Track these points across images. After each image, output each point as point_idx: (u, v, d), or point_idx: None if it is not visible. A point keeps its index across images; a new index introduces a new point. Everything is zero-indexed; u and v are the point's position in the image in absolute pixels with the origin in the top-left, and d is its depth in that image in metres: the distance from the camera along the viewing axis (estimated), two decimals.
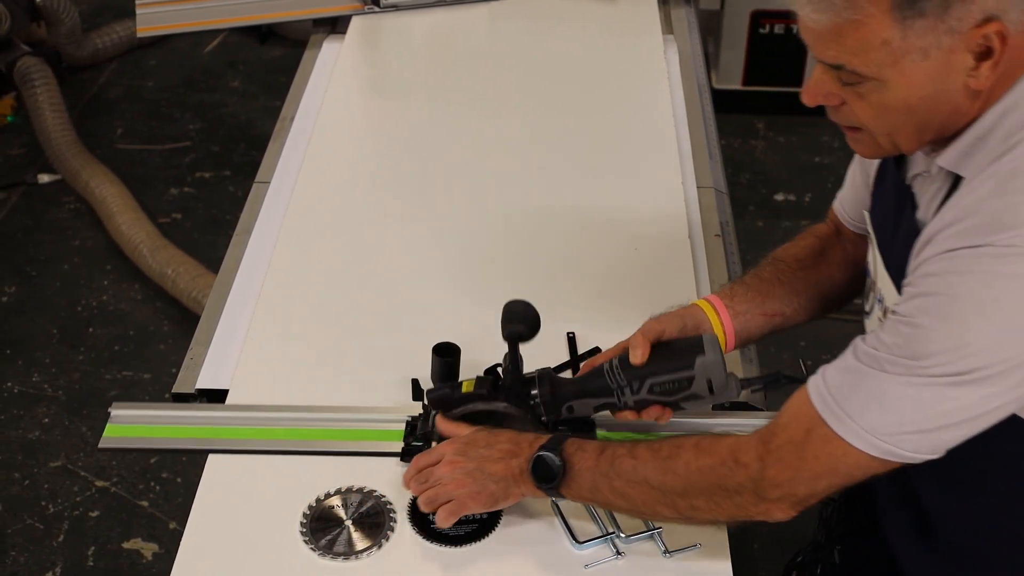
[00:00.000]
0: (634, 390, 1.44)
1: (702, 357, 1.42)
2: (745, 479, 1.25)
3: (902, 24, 1.10)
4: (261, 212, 2.06)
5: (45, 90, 4.07)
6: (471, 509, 1.41)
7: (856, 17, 1.11)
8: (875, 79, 1.15)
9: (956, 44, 1.11)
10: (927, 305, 1.15)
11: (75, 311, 3.47)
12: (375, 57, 2.64)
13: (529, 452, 1.37)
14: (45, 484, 2.90)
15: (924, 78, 1.14)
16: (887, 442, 1.17)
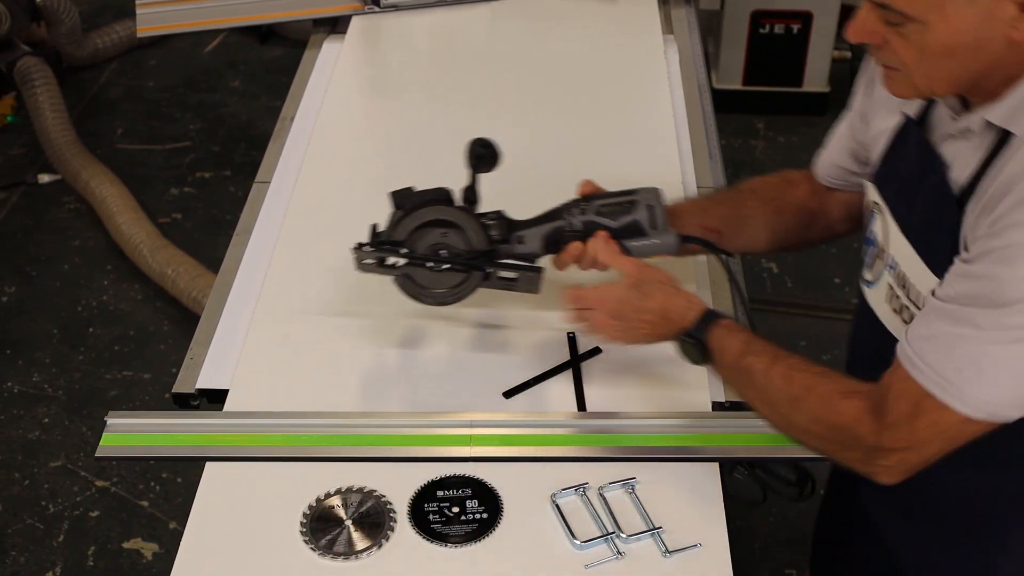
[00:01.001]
0: (582, 210, 1.58)
1: (644, 189, 1.60)
2: (861, 445, 1.30)
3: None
4: (261, 212, 2.05)
5: (45, 90, 4.07)
6: (609, 341, 1.55)
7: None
8: (919, 20, 1.19)
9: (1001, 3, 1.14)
10: (1009, 255, 1.17)
11: (75, 311, 3.47)
12: (375, 57, 2.64)
13: (676, 329, 1.46)
14: (45, 484, 2.90)
15: (966, 24, 1.17)
16: (994, 407, 1.22)
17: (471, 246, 1.59)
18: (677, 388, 1.64)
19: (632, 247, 1.58)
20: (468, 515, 1.44)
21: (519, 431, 1.57)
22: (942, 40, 1.19)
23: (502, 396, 1.64)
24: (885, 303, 1.46)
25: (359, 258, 1.62)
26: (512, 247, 1.61)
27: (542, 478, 1.49)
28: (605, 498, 1.46)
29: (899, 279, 1.40)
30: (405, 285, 1.61)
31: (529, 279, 1.61)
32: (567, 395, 1.64)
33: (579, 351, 1.70)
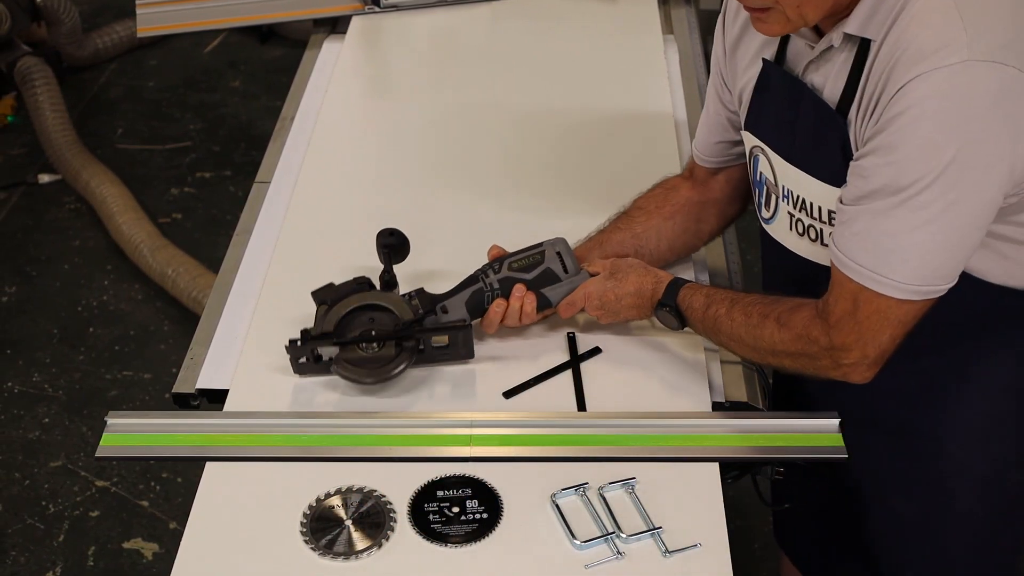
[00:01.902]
0: (496, 270, 1.69)
1: (549, 240, 1.72)
2: (820, 350, 1.43)
3: None
4: (261, 212, 2.05)
5: (45, 90, 4.07)
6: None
7: None
8: None
9: None
10: (895, 140, 1.28)
11: (76, 311, 3.47)
12: (375, 57, 2.64)
13: (653, 302, 1.63)
14: (45, 484, 2.90)
15: None
16: (925, 285, 1.34)
17: (399, 323, 1.65)
18: (677, 388, 1.64)
19: (550, 294, 1.69)
20: (468, 515, 1.44)
21: (519, 431, 1.57)
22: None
23: (502, 396, 1.64)
24: (789, 232, 1.56)
25: (294, 356, 1.64)
26: (438, 317, 1.67)
27: (542, 478, 1.49)
28: (605, 498, 1.46)
29: (797, 204, 1.51)
30: (344, 372, 1.62)
31: (463, 340, 1.66)
32: (567, 395, 1.64)
33: (579, 351, 1.70)
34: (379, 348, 1.63)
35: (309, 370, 1.65)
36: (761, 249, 1.71)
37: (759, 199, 1.62)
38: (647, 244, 1.78)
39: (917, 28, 1.27)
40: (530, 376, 1.66)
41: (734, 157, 1.73)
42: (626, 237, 1.78)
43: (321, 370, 1.65)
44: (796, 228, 1.54)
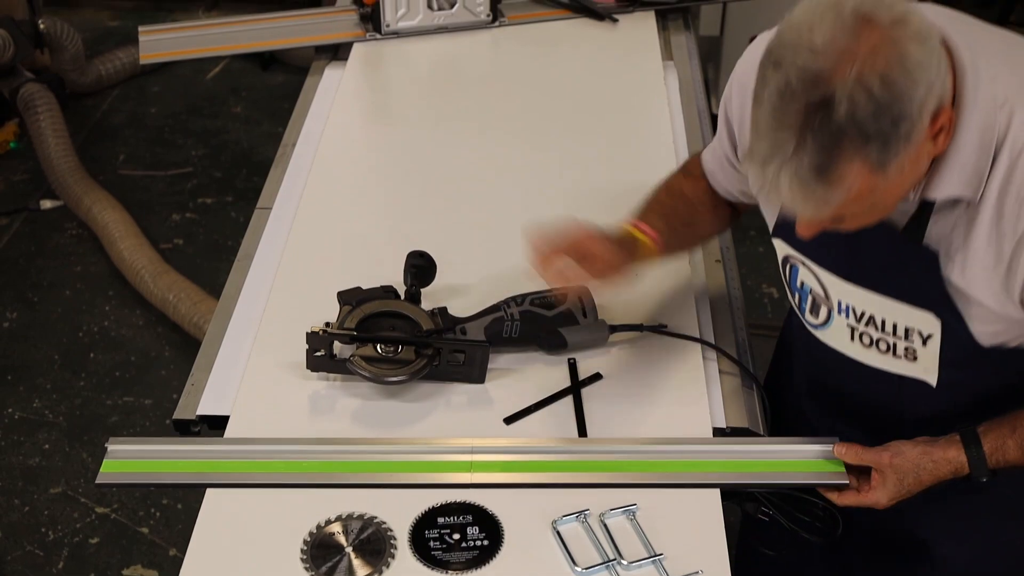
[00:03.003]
0: (518, 303, 1.72)
1: (573, 285, 1.67)
2: None
3: (884, 172, 1.19)
4: (263, 238, 2.06)
5: (48, 116, 4.09)
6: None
7: (848, 194, 1.20)
8: (867, 211, 1.27)
9: (922, 144, 1.20)
10: None
11: (77, 337, 3.47)
12: (377, 83, 2.65)
13: (952, 476, 1.46)
14: (45, 510, 2.90)
15: (905, 180, 1.25)
16: None
17: (420, 332, 1.68)
18: (678, 414, 1.64)
19: (567, 334, 1.71)
20: (469, 542, 1.44)
21: (520, 457, 1.57)
22: (887, 204, 1.28)
23: (503, 422, 1.64)
24: (851, 343, 1.52)
25: (312, 348, 1.65)
26: (456, 336, 1.69)
27: (543, 504, 1.49)
28: (606, 524, 1.46)
29: (862, 319, 1.47)
30: (359, 368, 1.64)
31: (479, 360, 1.67)
32: (568, 421, 1.64)
33: (580, 377, 1.70)
34: (397, 352, 1.65)
35: (323, 366, 1.66)
36: (798, 339, 1.68)
37: (801, 304, 1.58)
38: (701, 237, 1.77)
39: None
40: (531, 402, 1.66)
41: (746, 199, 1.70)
42: (679, 203, 1.71)
43: (334, 368, 1.66)
44: (861, 340, 1.51)
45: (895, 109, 1.15)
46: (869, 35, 1.15)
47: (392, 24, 2.67)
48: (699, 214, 1.72)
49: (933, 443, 1.47)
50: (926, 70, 1.17)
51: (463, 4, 2.69)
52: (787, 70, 1.17)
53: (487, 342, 1.69)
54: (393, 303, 1.71)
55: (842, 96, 1.15)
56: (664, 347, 1.75)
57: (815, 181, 1.19)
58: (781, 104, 1.18)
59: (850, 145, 1.16)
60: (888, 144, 1.17)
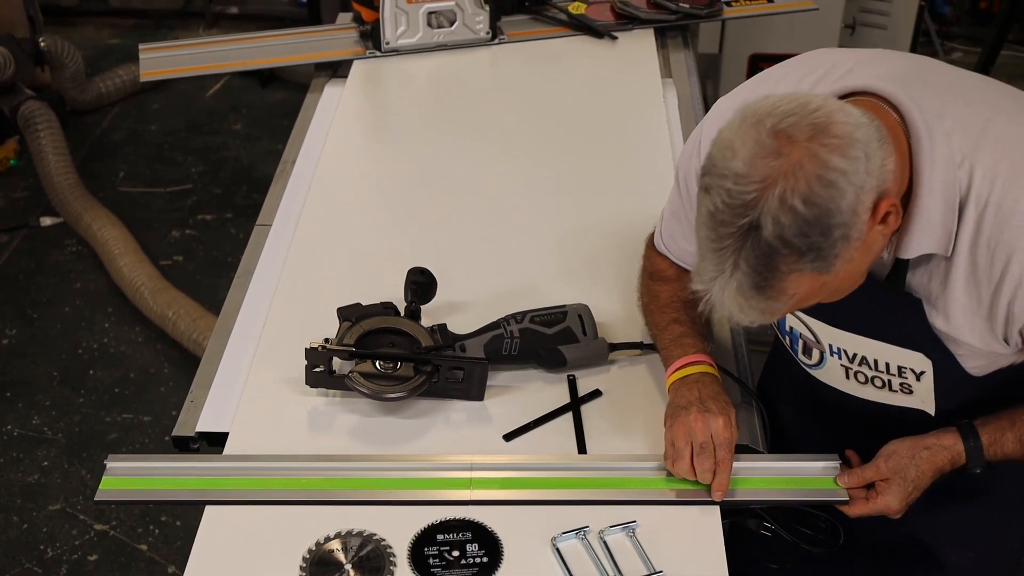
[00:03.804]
0: (518, 320, 1.72)
1: (574, 304, 1.76)
2: None
3: (828, 273, 1.21)
4: (262, 254, 2.06)
5: (48, 134, 4.09)
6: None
7: (793, 300, 1.23)
8: (823, 298, 1.29)
9: (865, 236, 1.23)
10: None
11: (76, 353, 3.47)
12: (377, 101, 2.66)
13: (957, 470, 1.48)
14: (44, 528, 2.89)
15: (859, 266, 1.27)
16: None
17: (419, 348, 1.68)
18: None
19: (566, 352, 1.71)
20: (468, 559, 1.44)
21: (519, 474, 1.57)
22: (846, 286, 1.30)
23: (502, 439, 1.64)
24: (847, 380, 1.54)
25: (310, 364, 1.66)
26: (455, 353, 1.69)
27: (542, 521, 1.48)
28: (606, 542, 1.46)
29: (854, 360, 1.49)
30: (358, 384, 1.64)
31: (478, 377, 1.67)
32: (567, 438, 1.64)
33: (579, 394, 1.70)
34: (395, 368, 1.65)
35: (322, 382, 1.67)
36: (796, 374, 1.68)
37: (793, 346, 1.60)
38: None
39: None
40: (530, 418, 1.66)
41: None
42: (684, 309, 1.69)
43: (333, 384, 1.66)
44: (856, 378, 1.53)
45: (823, 222, 1.17)
46: (789, 153, 1.17)
47: (392, 42, 2.68)
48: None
49: (924, 435, 1.49)
50: (852, 175, 1.18)
51: (463, 22, 2.70)
52: (714, 196, 1.20)
53: (486, 359, 1.69)
54: (393, 320, 1.71)
55: (767, 219, 1.17)
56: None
57: (756, 297, 1.22)
58: (714, 228, 1.21)
59: (783, 262, 1.19)
60: (823, 252, 1.18)
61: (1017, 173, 1.28)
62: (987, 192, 1.27)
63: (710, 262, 1.23)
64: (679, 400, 1.56)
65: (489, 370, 1.68)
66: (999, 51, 4.58)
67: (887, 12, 4.63)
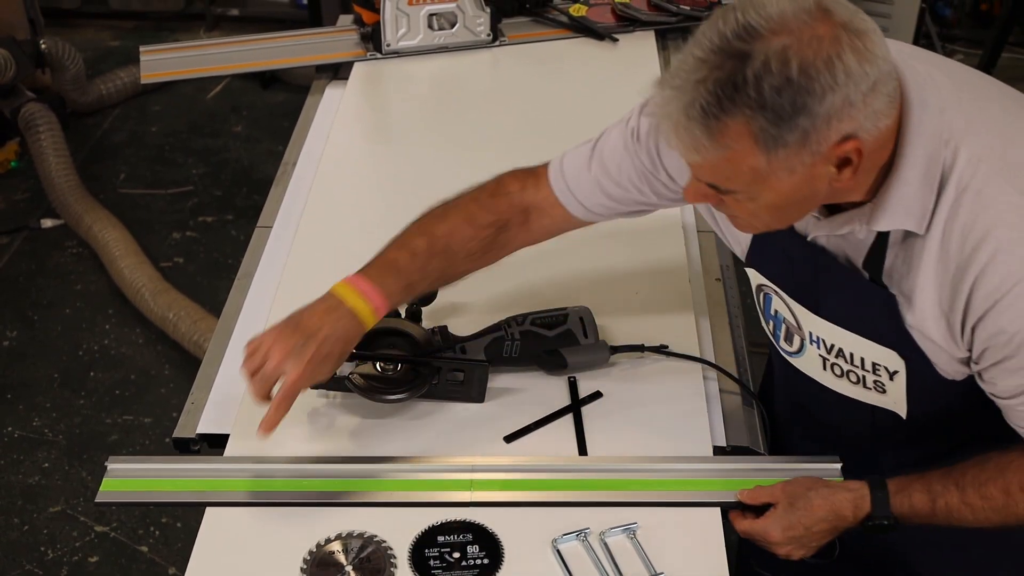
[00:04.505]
0: (519, 322, 1.72)
1: (575, 306, 1.76)
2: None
3: (767, 154, 1.19)
4: (263, 256, 2.06)
5: (49, 135, 4.09)
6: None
7: (725, 154, 1.20)
8: (745, 192, 1.25)
9: (818, 160, 1.20)
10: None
11: (77, 355, 3.47)
12: (377, 103, 2.66)
13: (856, 519, 1.44)
14: (44, 529, 2.89)
15: (790, 188, 1.24)
16: None
17: (419, 350, 1.68)
18: (678, 432, 1.64)
19: (567, 354, 1.71)
20: (469, 560, 1.44)
21: (520, 476, 1.57)
22: (770, 202, 1.26)
23: (503, 440, 1.64)
24: (824, 372, 1.53)
25: None
26: (456, 354, 1.69)
27: (543, 523, 1.48)
28: (607, 543, 1.46)
29: (831, 351, 1.48)
30: (358, 386, 1.64)
31: (478, 379, 1.67)
32: (568, 439, 1.64)
33: (580, 395, 1.70)
34: (396, 370, 1.65)
35: (322, 383, 1.65)
36: (774, 363, 1.69)
37: (776, 331, 1.58)
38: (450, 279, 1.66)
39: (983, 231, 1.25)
40: (531, 420, 1.66)
41: (614, 216, 1.65)
42: (441, 280, 1.65)
43: (334, 385, 1.65)
44: (832, 370, 1.51)
45: (801, 97, 1.15)
46: (818, 25, 1.16)
47: (393, 44, 2.68)
48: (473, 246, 1.63)
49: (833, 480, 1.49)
50: (853, 85, 1.16)
51: (464, 24, 2.70)
52: (730, 18, 1.19)
53: (487, 361, 1.69)
54: (393, 321, 1.70)
55: (758, 58, 1.15)
56: (665, 366, 1.75)
57: (698, 119, 1.19)
58: (708, 43, 1.19)
59: (742, 103, 1.16)
60: (780, 125, 1.16)
61: (1003, 163, 1.26)
62: (969, 176, 1.26)
63: (684, 68, 1.20)
64: (311, 305, 1.52)
65: (490, 372, 1.68)
66: (1000, 53, 4.58)
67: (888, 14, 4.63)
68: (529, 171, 1.67)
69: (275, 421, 1.48)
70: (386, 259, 1.59)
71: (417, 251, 1.59)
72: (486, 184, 1.67)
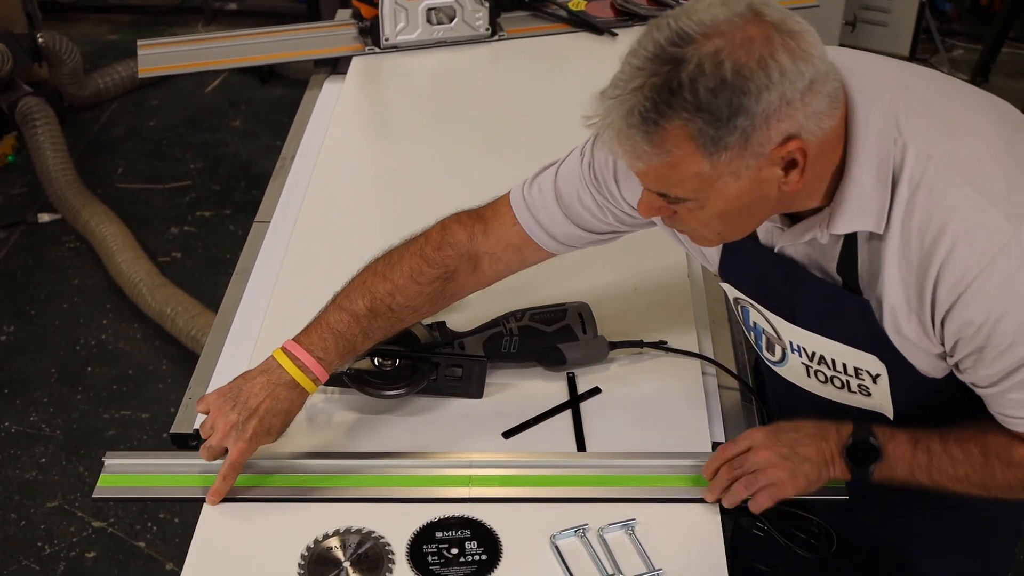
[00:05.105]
0: (517, 318, 1.72)
1: (574, 302, 1.76)
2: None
3: (710, 158, 1.20)
4: (261, 251, 2.06)
5: (46, 130, 4.09)
6: (789, 493, 1.46)
7: (668, 160, 1.21)
8: (694, 200, 1.26)
9: (762, 163, 1.21)
10: (996, 339, 1.27)
11: (74, 350, 3.47)
12: (376, 97, 2.66)
13: (838, 438, 1.45)
14: (42, 525, 2.89)
15: (738, 194, 1.24)
16: None
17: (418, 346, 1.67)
18: (677, 428, 1.64)
19: (566, 350, 1.70)
20: (467, 556, 1.43)
21: (518, 472, 1.57)
22: (721, 209, 1.27)
23: (502, 436, 1.63)
24: (808, 379, 1.53)
25: None
26: (454, 350, 1.69)
27: (541, 519, 1.48)
28: (605, 539, 1.46)
29: (814, 359, 1.48)
30: (354, 380, 1.64)
31: (477, 375, 1.67)
32: (567, 435, 1.64)
33: (578, 391, 1.70)
34: (393, 366, 1.65)
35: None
36: (765, 374, 1.68)
37: (757, 342, 1.58)
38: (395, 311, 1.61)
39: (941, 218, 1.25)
40: (529, 416, 1.66)
41: (587, 244, 1.64)
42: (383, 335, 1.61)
43: (332, 381, 1.64)
44: (816, 377, 1.51)
45: (737, 98, 1.16)
46: (750, 27, 1.17)
47: (391, 38, 2.68)
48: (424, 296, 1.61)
49: None
50: (788, 83, 1.17)
51: (462, 18, 2.70)
52: (664, 26, 1.21)
53: (485, 357, 1.68)
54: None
55: (692, 61, 1.17)
56: (664, 362, 1.75)
57: (638, 126, 1.20)
58: (645, 52, 1.21)
59: (679, 106, 1.17)
60: (718, 126, 1.17)
61: (953, 157, 1.26)
62: (920, 173, 1.26)
63: (622, 78, 1.24)
64: (252, 374, 1.55)
65: (488, 368, 1.68)
66: (1000, 48, 4.58)
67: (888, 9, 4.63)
68: (475, 217, 1.65)
69: (223, 491, 1.52)
70: (326, 323, 1.57)
71: (358, 313, 1.57)
72: (430, 234, 1.64)
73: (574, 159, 1.59)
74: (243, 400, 1.51)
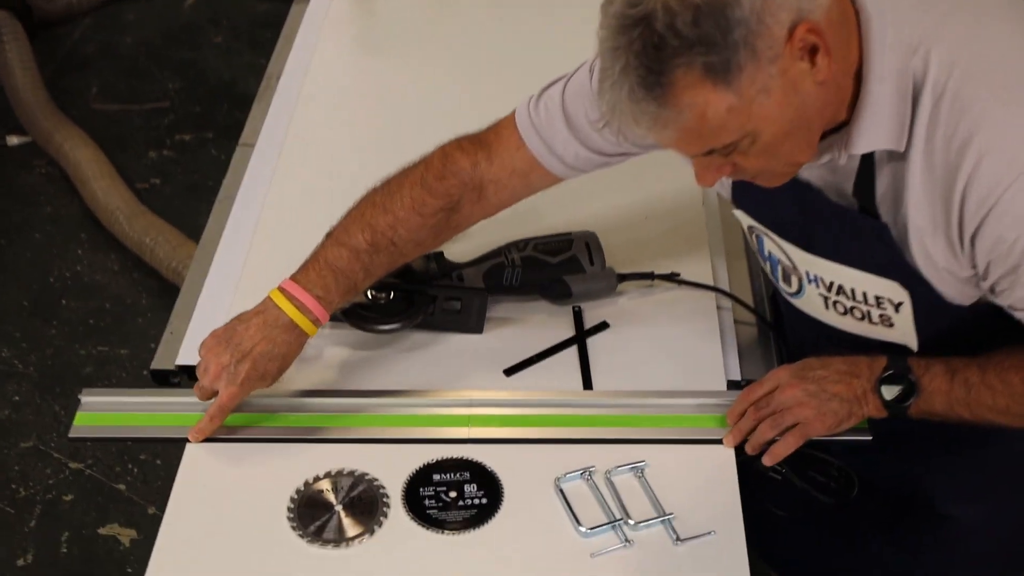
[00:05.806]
0: (520, 248, 1.71)
1: (580, 231, 1.75)
2: None
3: (730, 86, 1.18)
4: (245, 177, 2.05)
5: (15, 46, 4.05)
6: (817, 432, 1.46)
7: (693, 112, 1.19)
8: (744, 137, 1.24)
9: (784, 64, 1.19)
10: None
11: (47, 282, 3.46)
12: (368, 8, 2.63)
13: (870, 373, 1.45)
14: (16, 466, 2.90)
15: (780, 107, 1.22)
16: None
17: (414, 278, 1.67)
18: (690, 365, 1.64)
19: (571, 283, 1.70)
20: (466, 500, 1.44)
21: (521, 411, 1.58)
22: (774, 132, 1.24)
23: (503, 374, 1.64)
24: (826, 311, 1.52)
25: None
26: (452, 282, 1.68)
27: (545, 461, 1.49)
28: (612, 482, 1.46)
29: (832, 289, 1.47)
30: (347, 314, 1.64)
31: (476, 309, 1.67)
32: (572, 373, 1.64)
33: (585, 326, 1.70)
34: (388, 298, 1.64)
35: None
36: (782, 307, 1.68)
37: (773, 272, 1.58)
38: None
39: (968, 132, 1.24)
40: (533, 352, 1.66)
41: (596, 167, 1.62)
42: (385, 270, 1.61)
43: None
44: (835, 308, 1.51)
45: (720, 15, 1.14)
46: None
47: None
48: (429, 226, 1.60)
49: None
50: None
51: None
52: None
53: (485, 289, 1.68)
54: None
55: (658, 9, 1.15)
56: (676, 296, 1.75)
57: (644, 97, 1.19)
58: (610, 31, 1.19)
59: (672, 55, 1.16)
60: (718, 51, 1.15)
61: (977, 61, 1.26)
62: (944, 80, 1.25)
63: (606, 67, 1.21)
64: (247, 316, 1.55)
65: (489, 301, 1.68)
66: None
67: None
68: (478, 142, 1.63)
69: (207, 431, 1.52)
70: (325, 260, 1.56)
71: (359, 249, 1.56)
72: (431, 161, 1.62)
73: (583, 74, 1.57)
74: (236, 342, 1.51)
